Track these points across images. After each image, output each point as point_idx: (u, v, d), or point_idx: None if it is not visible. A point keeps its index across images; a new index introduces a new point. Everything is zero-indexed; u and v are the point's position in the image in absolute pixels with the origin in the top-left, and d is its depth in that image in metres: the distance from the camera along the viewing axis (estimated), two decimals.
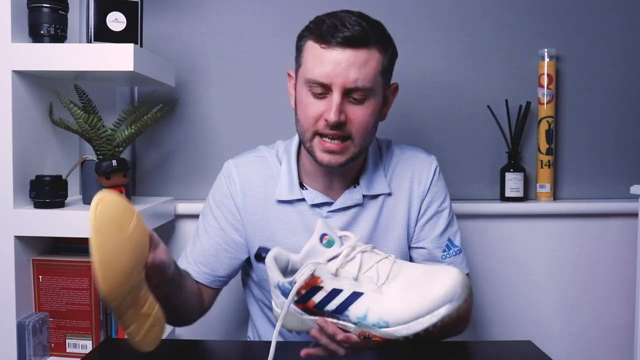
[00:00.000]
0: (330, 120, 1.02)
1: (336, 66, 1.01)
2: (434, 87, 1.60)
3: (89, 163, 1.32)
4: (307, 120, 1.06)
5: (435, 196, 1.19)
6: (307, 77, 1.05)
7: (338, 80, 1.02)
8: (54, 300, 1.31)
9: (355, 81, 1.02)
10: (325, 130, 1.04)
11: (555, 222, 1.59)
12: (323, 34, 1.03)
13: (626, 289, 1.57)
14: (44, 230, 1.26)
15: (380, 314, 0.82)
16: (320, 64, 1.03)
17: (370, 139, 1.11)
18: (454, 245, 1.19)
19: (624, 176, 1.62)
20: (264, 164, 1.19)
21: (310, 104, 1.05)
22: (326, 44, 1.02)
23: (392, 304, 0.82)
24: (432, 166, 1.20)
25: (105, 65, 1.23)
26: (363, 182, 1.16)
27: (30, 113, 1.29)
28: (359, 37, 1.01)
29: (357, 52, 1.02)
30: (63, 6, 1.27)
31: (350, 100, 1.04)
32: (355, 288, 0.83)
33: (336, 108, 1.02)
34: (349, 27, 1.01)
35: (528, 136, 1.63)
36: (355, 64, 1.02)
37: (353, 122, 1.05)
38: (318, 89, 1.04)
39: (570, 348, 1.61)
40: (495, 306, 1.61)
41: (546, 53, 1.57)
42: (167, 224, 1.53)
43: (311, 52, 1.05)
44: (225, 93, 1.60)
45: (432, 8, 1.59)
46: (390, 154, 1.21)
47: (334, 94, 1.02)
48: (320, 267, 0.84)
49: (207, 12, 1.59)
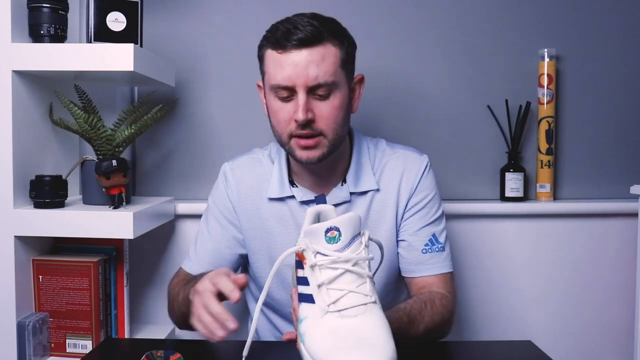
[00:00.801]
0: (298, 119, 1.06)
1: (295, 67, 1.06)
2: (434, 87, 1.60)
3: (89, 163, 1.32)
4: (279, 124, 1.11)
5: (423, 192, 1.20)
6: (271, 83, 1.10)
7: (299, 80, 1.06)
8: (54, 300, 1.31)
9: (316, 78, 1.06)
10: (298, 131, 1.09)
11: (555, 222, 1.59)
12: (278, 40, 1.08)
13: (626, 289, 1.57)
14: (44, 230, 1.26)
15: (307, 332, 0.78)
16: (280, 68, 1.07)
17: (342, 131, 1.13)
18: (437, 242, 1.20)
19: (624, 176, 1.62)
20: (257, 165, 1.24)
21: (279, 108, 1.10)
22: (282, 49, 1.07)
23: (317, 334, 0.77)
24: (422, 164, 1.22)
25: (105, 65, 1.23)
26: (350, 180, 1.19)
27: (30, 113, 1.29)
28: (312, 36, 1.06)
29: (313, 50, 1.06)
30: (63, 6, 1.27)
31: (315, 97, 1.08)
32: (314, 293, 0.79)
33: (302, 107, 1.06)
34: (301, 29, 1.06)
35: (528, 136, 1.63)
36: (313, 62, 1.06)
37: (322, 118, 1.09)
38: (283, 92, 1.09)
39: (570, 348, 1.61)
40: (495, 306, 1.61)
41: (546, 53, 1.57)
42: (167, 224, 1.53)
43: (271, 59, 1.10)
44: (225, 93, 1.60)
45: (432, 8, 1.59)
46: (381, 152, 1.23)
47: (298, 94, 1.07)
48: (307, 251, 0.81)
49: (207, 12, 1.59)
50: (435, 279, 1.18)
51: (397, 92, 1.59)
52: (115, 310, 1.38)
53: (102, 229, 1.25)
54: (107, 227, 1.25)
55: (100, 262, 1.32)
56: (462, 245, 1.59)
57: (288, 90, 1.08)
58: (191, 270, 1.23)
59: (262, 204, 1.21)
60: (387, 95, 1.58)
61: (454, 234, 1.59)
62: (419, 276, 1.19)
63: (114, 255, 1.37)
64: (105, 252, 1.35)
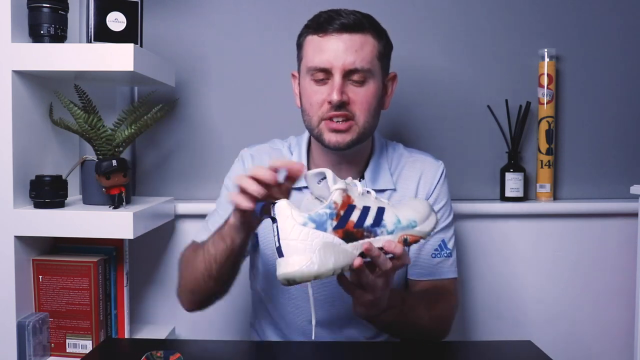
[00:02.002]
0: (333, 100, 1.08)
1: (334, 51, 1.09)
2: (434, 87, 1.60)
3: (89, 163, 1.32)
4: (312, 107, 1.12)
5: (438, 198, 1.22)
6: (308, 66, 1.12)
7: (337, 63, 1.09)
8: (54, 300, 1.31)
9: (354, 63, 1.09)
10: (330, 112, 1.10)
11: (555, 222, 1.59)
12: (320, 25, 1.11)
13: (626, 289, 1.57)
14: (44, 230, 1.26)
15: (407, 217, 0.92)
16: (319, 51, 1.10)
17: (373, 122, 1.15)
18: (446, 248, 1.21)
19: (624, 176, 1.62)
20: (278, 154, 1.25)
21: (314, 91, 1.12)
22: (324, 32, 1.10)
23: (407, 210, 0.93)
24: (439, 170, 1.24)
25: (105, 65, 1.23)
26: (368, 177, 1.20)
27: (30, 113, 1.29)
28: (354, 23, 1.10)
29: (353, 36, 1.10)
30: (63, 6, 1.27)
31: (351, 82, 1.10)
32: (379, 204, 0.90)
33: (338, 88, 1.08)
34: (344, 16, 1.10)
35: (528, 136, 1.63)
36: (352, 47, 1.09)
37: (355, 102, 1.11)
38: (320, 74, 1.11)
39: (570, 348, 1.61)
40: (495, 306, 1.61)
41: (546, 53, 1.57)
42: (167, 224, 1.53)
43: (311, 44, 1.13)
44: (225, 93, 1.60)
45: (432, 8, 1.59)
46: (398, 155, 1.25)
47: (334, 76, 1.09)
48: (350, 188, 0.87)
49: (207, 12, 1.59)
50: (440, 284, 1.19)
51: (397, 92, 1.58)
52: (115, 310, 1.38)
53: (102, 229, 1.25)
54: (107, 227, 1.25)
55: (100, 262, 1.32)
56: (462, 245, 1.59)
57: (325, 72, 1.10)
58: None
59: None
60: None
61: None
62: (425, 279, 1.20)
63: (114, 255, 1.36)
64: (105, 252, 1.35)
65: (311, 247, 0.82)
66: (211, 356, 1.09)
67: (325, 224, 0.84)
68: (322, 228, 0.83)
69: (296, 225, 0.83)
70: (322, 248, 0.82)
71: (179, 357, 0.95)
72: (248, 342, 1.31)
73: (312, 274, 0.82)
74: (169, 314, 1.59)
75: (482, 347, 1.19)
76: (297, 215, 0.83)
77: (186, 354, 0.97)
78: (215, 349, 1.14)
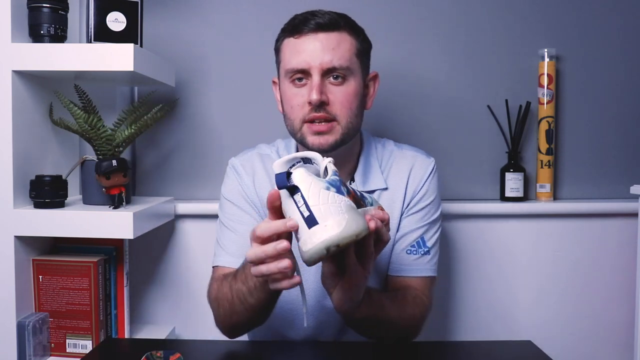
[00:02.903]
0: (312, 100, 1.07)
1: (312, 51, 1.08)
2: (434, 87, 1.60)
3: (89, 163, 1.32)
4: (292, 110, 1.12)
5: (426, 194, 1.20)
6: (286, 68, 1.11)
7: (315, 62, 1.08)
8: (54, 300, 1.31)
9: (331, 61, 1.08)
10: (311, 114, 1.09)
11: (555, 222, 1.59)
12: (296, 26, 1.11)
13: (626, 289, 1.57)
14: (44, 230, 1.26)
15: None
16: (296, 53, 1.10)
17: (355, 121, 1.14)
18: (424, 245, 1.18)
19: (624, 176, 1.62)
20: (268, 160, 1.23)
21: (294, 94, 1.11)
22: (299, 33, 1.10)
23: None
24: (429, 166, 1.22)
25: (105, 65, 1.23)
26: (358, 178, 1.19)
27: (30, 113, 1.29)
28: (329, 22, 1.09)
29: (329, 35, 1.09)
30: (63, 6, 1.27)
31: (330, 81, 1.10)
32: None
33: (317, 88, 1.07)
34: (319, 16, 1.10)
35: (528, 136, 1.63)
36: (329, 46, 1.09)
37: (335, 102, 1.10)
38: (298, 75, 1.10)
39: (570, 348, 1.61)
40: (495, 306, 1.61)
41: (546, 53, 1.57)
42: (167, 224, 1.53)
43: (287, 46, 1.12)
44: (225, 93, 1.60)
45: (432, 8, 1.59)
46: (389, 152, 1.23)
47: (313, 76, 1.08)
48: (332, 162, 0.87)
49: (207, 12, 1.59)
50: (413, 281, 1.16)
51: (397, 92, 1.59)
52: (115, 310, 1.38)
53: (102, 229, 1.25)
54: (107, 227, 1.25)
55: (100, 262, 1.32)
56: (462, 245, 1.59)
57: (303, 73, 1.09)
58: (226, 262, 1.17)
59: None
60: (387, 95, 1.58)
61: (454, 234, 1.59)
62: (398, 276, 1.17)
63: (114, 255, 1.37)
64: (105, 252, 1.35)
65: (342, 210, 0.80)
66: (211, 356, 1.09)
67: (341, 189, 0.83)
68: (341, 192, 0.82)
69: (322, 189, 0.81)
70: (349, 210, 0.80)
71: (179, 357, 0.95)
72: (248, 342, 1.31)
73: (353, 234, 0.78)
74: (169, 314, 1.59)
75: (482, 347, 1.19)
76: (318, 181, 0.82)
77: (186, 354, 0.97)
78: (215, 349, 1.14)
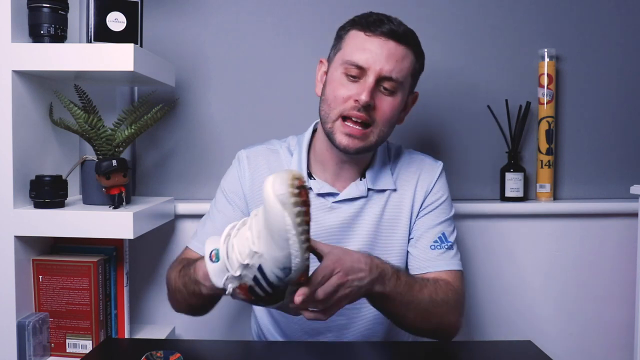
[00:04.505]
0: (361, 100, 1.08)
1: (377, 53, 1.09)
2: (434, 87, 1.60)
3: (89, 163, 1.32)
4: (335, 100, 1.12)
5: (437, 193, 1.22)
6: (345, 58, 1.12)
7: (376, 65, 1.09)
8: (54, 300, 1.31)
9: (391, 71, 1.09)
10: (352, 112, 1.10)
11: (555, 222, 1.59)
12: (370, 24, 1.11)
13: (626, 289, 1.57)
14: (44, 230, 1.26)
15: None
16: (362, 48, 1.10)
17: (388, 132, 1.16)
18: (447, 240, 1.20)
19: (624, 176, 1.62)
20: (275, 156, 1.24)
21: (343, 85, 1.11)
22: (371, 32, 1.11)
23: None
24: (438, 169, 1.25)
25: (105, 65, 1.23)
26: (369, 176, 1.20)
27: (30, 113, 1.29)
28: (402, 34, 1.11)
29: (398, 46, 1.11)
30: (63, 6, 1.27)
31: (380, 89, 1.11)
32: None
33: (368, 90, 1.08)
34: (395, 24, 1.11)
35: (528, 136, 1.63)
36: (394, 56, 1.10)
37: (379, 110, 1.11)
38: (354, 70, 1.10)
39: (570, 348, 1.61)
40: (495, 306, 1.61)
41: (546, 53, 1.57)
42: (167, 224, 1.53)
43: (354, 38, 1.13)
44: (225, 93, 1.60)
45: (431, 8, 1.59)
46: (398, 155, 1.26)
47: (368, 77, 1.09)
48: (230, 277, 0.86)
49: (207, 12, 1.59)
50: (443, 275, 1.16)
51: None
52: (115, 310, 1.38)
53: (102, 229, 1.25)
54: (107, 227, 1.25)
55: (100, 262, 1.32)
56: (462, 245, 1.59)
57: (360, 70, 1.10)
58: (195, 247, 1.22)
59: None
60: None
61: None
62: (427, 272, 1.17)
63: (114, 255, 1.37)
64: (105, 252, 1.35)
65: None
66: (211, 356, 1.10)
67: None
68: None
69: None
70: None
71: (179, 357, 0.95)
72: (248, 342, 1.31)
73: None
74: (169, 314, 1.58)
75: (482, 347, 1.19)
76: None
77: (186, 354, 0.97)
78: (215, 349, 1.14)
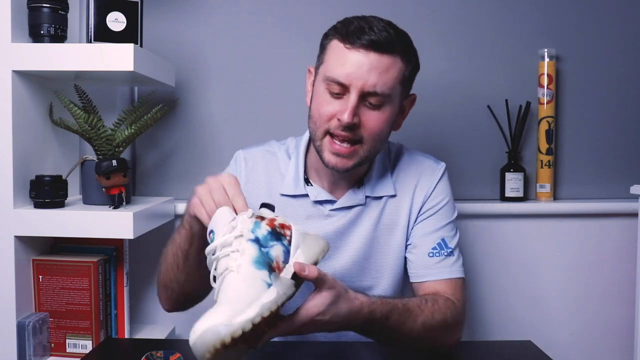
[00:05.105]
0: (343, 120, 1.02)
1: (357, 68, 1.02)
2: (434, 87, 1.60)
3: (89, 163, 1.32)
4: (320, 117, 1.07)
5: (438, 197, 1.18)
6: (326, 75, 1.05)
7: (357, 82, 1.02)
8: (54, 300, 1.31)
9: (374, 85, 1.02)
10: (337, 131, 1.05)
11: (555, 222, 1.59)
12: (349, 34, 1.03)
13: (626, 289, 1.57)
14: (44, 230, 1.26)
15: None
16: (342, 64, 1.03)
17: (380, 146, 1.11)
18: (447, 246, 1.15)
19: (624, 176, 1.62)
20: (272, 159, 1.21)
21: (326, 102, 1.06)
22: (350, 44, 1.03)
23: None
24: (439, 171, 1.20)
25: (105, 65, 1.23)
26: (368, 184, 1.16)
27: (30, 113, 1.29)
28: (384, 42, 1.02)
29: (381, 57, 1.02)
30: (63, 6, 1.27)
31: (366, 104, 1.04)
32: None
33: (351, 109, 1.02)
34: (376, 32, 1.02)
35: (528, 136, 1.63)
36: (376, 69, 1.02)
37: (366, 127, 1.05)
38: (336, 88, 1.04)
39: (570, 348, 1.61)
40: (495, 306, 1.61)
41: (546, 53, 1.57)
42: (167, 224, 1.53)
43: (334, 51, 1.05)
44: (225, 93, 1.60)
45: (432, 8, 1.59)
46: (399, 157, 1.21)
47: (351, 95, 1.03)
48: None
49: (207, 12, 1.59)
50: (442, 285, 1.12)
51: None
52: (115, 310, 1.38)
53: (102, 229, 1.25)
54: (107, 227, 1.25)
55: (100, 262, 1.32)
56: (462, 246, 1.58)
57: (342, 87, 1.03)
58: None
59: (272, 200, 1.13)
60: None
61: None
62: (425, 281, 1.13)
63: (114, 255, 1.37)
64: (105, 252, 1.36)
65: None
66: None
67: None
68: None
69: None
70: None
71: (179, 357, 0.95)
72: None
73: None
74: (169, 314, 1.58)
75: (482, 347, 1.19)
76: None
77: (186, 354, 0.97)
78: None
